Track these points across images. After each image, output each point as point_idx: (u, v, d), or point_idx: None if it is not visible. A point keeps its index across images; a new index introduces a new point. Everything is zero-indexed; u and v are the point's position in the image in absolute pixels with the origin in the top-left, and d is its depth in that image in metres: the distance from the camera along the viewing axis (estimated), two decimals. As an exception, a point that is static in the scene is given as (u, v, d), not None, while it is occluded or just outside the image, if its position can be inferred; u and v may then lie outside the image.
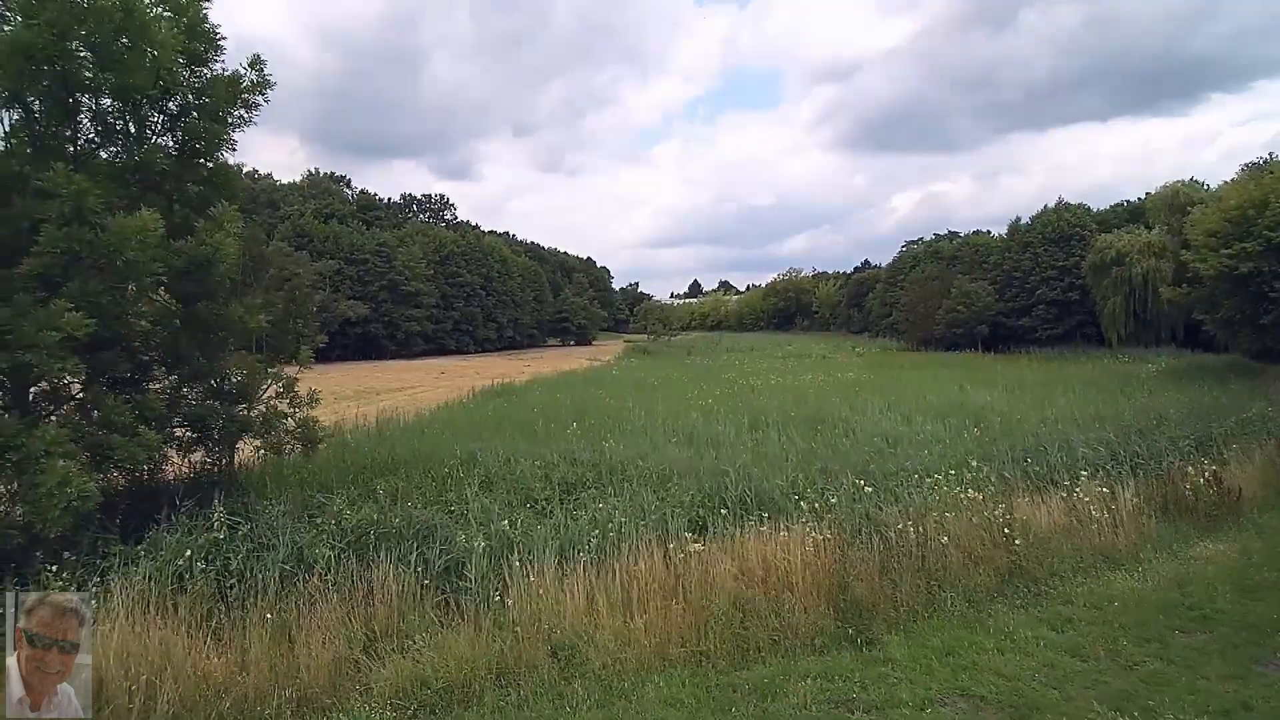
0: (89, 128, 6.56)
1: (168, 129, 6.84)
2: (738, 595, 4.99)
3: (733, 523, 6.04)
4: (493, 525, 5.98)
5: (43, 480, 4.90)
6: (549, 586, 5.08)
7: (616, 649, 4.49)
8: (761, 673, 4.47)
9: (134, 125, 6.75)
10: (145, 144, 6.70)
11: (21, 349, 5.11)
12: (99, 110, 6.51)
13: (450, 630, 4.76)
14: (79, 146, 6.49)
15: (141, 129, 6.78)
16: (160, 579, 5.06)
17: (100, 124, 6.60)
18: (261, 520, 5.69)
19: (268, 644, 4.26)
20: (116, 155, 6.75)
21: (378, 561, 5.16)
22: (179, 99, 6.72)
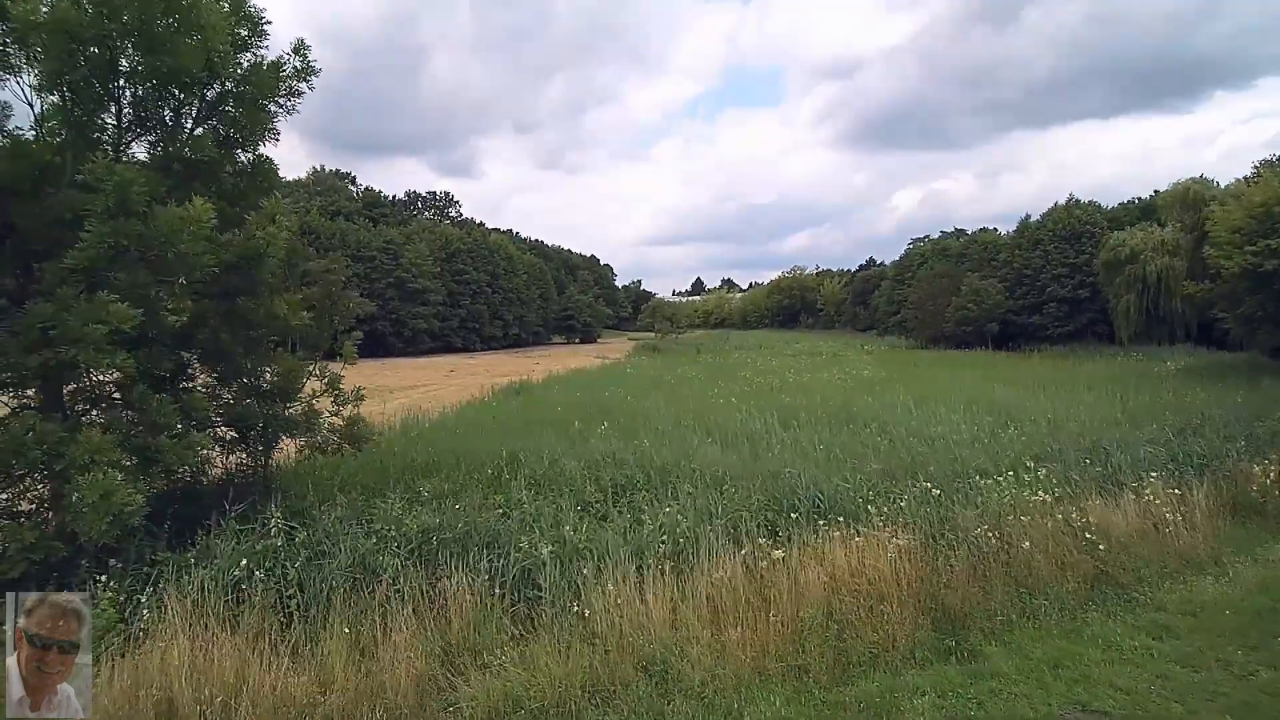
0: (128, 114, 6.26)
1: (206, 118, 6.54)
2: (831, 605, 4.74)
3: (806, 528, 5.80)
4: (557, 530, 5.72)
5: (86, 491, 4.61)
6: (628, 596, 4.82)
7: (712, 664, 4.23)
8: (867, 689, 4.22)
9: (170, 114, 6.45)
10: (181, 133, 6.41)
11: (66, 344, 4.82)
12: (138, 97, 6.21)
13: (528, 644, 4.50)
14: (117, 135, 6.19)
15: (178, 118, 6.48)
16: (216, 589, 4.79)
17: (139, 111, 6.29)
18: (318, 526, 5.41)
19: (346, 660, 3.98)
20: (154, 145, 6.45)
21: (448, 570, 4.89)
22: (219, 86, 6.42)
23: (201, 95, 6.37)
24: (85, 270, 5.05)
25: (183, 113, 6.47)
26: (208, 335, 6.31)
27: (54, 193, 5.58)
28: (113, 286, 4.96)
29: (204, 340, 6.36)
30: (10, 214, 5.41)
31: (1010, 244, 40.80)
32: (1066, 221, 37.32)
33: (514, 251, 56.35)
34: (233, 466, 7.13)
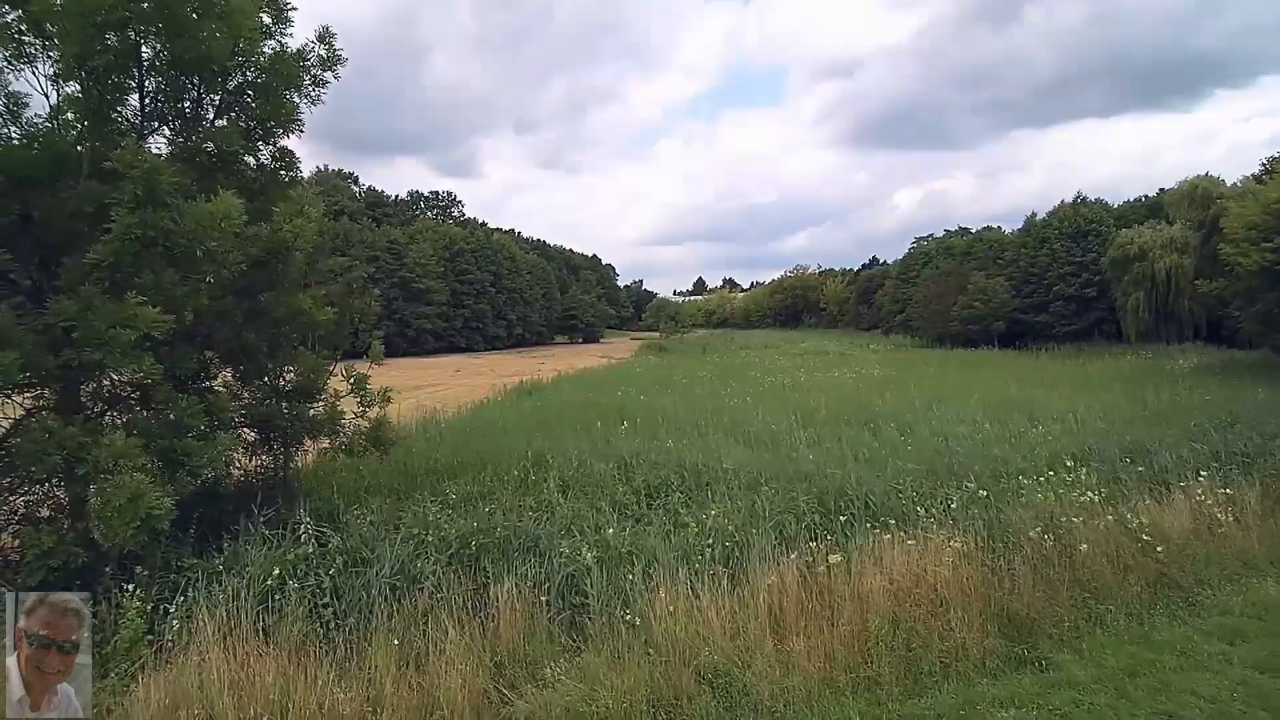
0: (148, 105, 6.03)
1: (227, 108, 6.30)
2: (896, 612, 4.52)
3: (856, 532, 5.59)
4: (598, 534, 5.50)
5: (112, 495, 4.37)
6: (680, 603, 4.60)
7: (780, 675, 4.01)
8: (943, 701, 4.01)
9: (190, 105, 6.22)
10: (202, 125, 6.19)
11: (90, 346, 4.59)
12: (159, 87, 5.98)
13: (579, 655, 4.28)
14: (138, 125, 5.96)
15: (199, 109, 6.25)
16: (248, 599, 4.55)
17: (159, 102, 6.06)
18: (350, 532, 5.18)
19: (396, 675, 3.75)
20: (175, 137, 6.22)
21: (493, 577, 4.67)
22: (241, 76, 6.19)
23: (224, 85, 6.14)
24: (110, 266, 4.82)
25: (203, 103, 6.25)
26: (230, 333, 6.08)
27: (73, 184, 5.37)
28: (138, 285, 4.73)
29: (226, 338, 6.13)
30: (29, 206, 5.18)
31: (1016, 242, 40.66)
32: (1073, 220, 37.18)
33: (517, 251, 56.08)
34: (252, 470, 6.90)
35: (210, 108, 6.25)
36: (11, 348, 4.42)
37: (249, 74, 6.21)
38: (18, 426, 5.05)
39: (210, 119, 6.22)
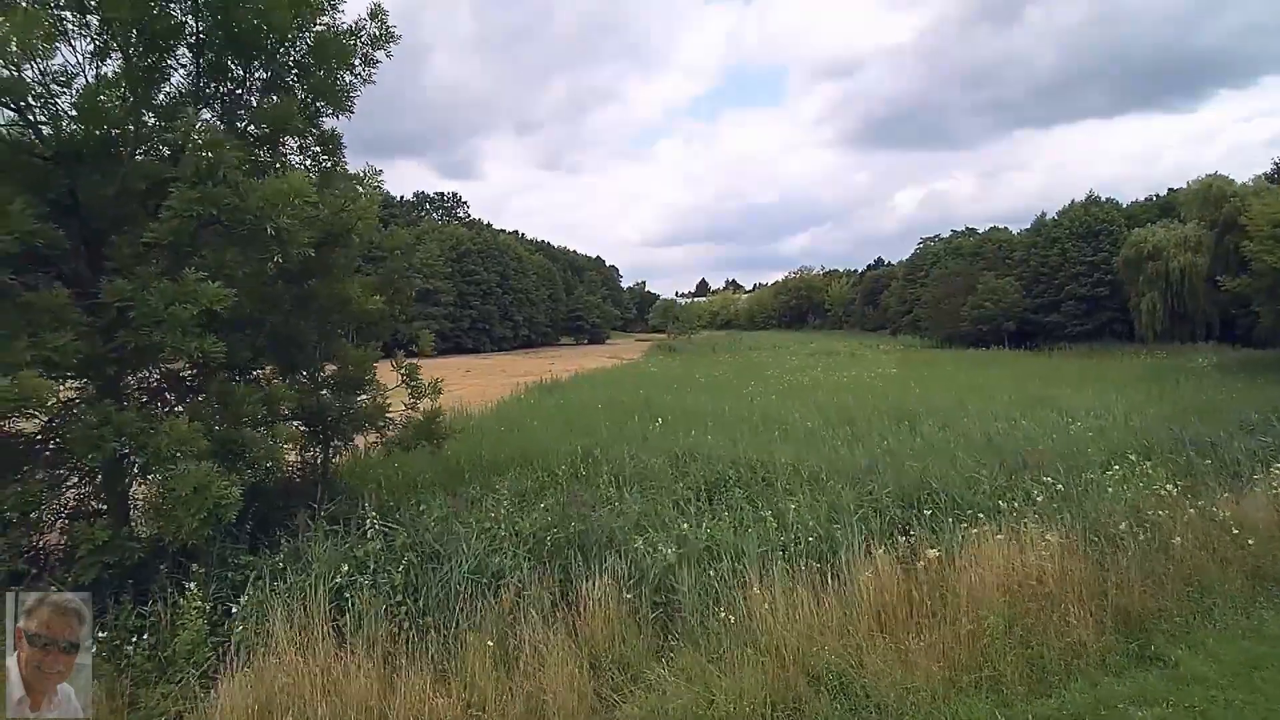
0: (193, 82, 5.78)
1: (275, 87, 6.03)
2: (1011, 609, 4.28)
3: (944, 526, 5.35)
4: (673, 529, 5.24)
5: (177, 485, 4.11)
6: (778, 600, 4.35)
7: (902, 676, 3.76)
8: (1073, 701, 3.76)
9: (232, 84, 5.97)
10: (246, 104, 5.93)
11: (148, 326, 4.33)
12: (209, 63, 5.73)
13: (675, 655, 4.02)
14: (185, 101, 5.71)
15: (246, 87, 5.99)
16: (319, 597, 4.28)
17: (204, 80, 5.81)
18: (416, 526, 4.92)
19: (496, 677, 3.49)
20: (223, 115, 5.96)
21: (578, 574, 4.41)
22: (292, 53, 5.94)
23: (275, 61, 5.90)
24: (168, 246, 4.57)
25: (248, 82, 6.00)
26: (280, 321, 5.82)
27: (119, 162, 5.13)
28: (199, 265, 4.47)
29: (275, 326, 5.87)
30: (76, 184, 4.93)
31: (1026, 242, 40.56)
32: (1084, 219, 37.08)
33: (522, 252, 55.83)
34: (293, 464, 6.63)
35: (254, 87, 5.99)
36: (66, 329, 4.17)
37: (299, 51, 5.96)
38: (66, 416, 4.79)
39: (254, 99, 5.96)
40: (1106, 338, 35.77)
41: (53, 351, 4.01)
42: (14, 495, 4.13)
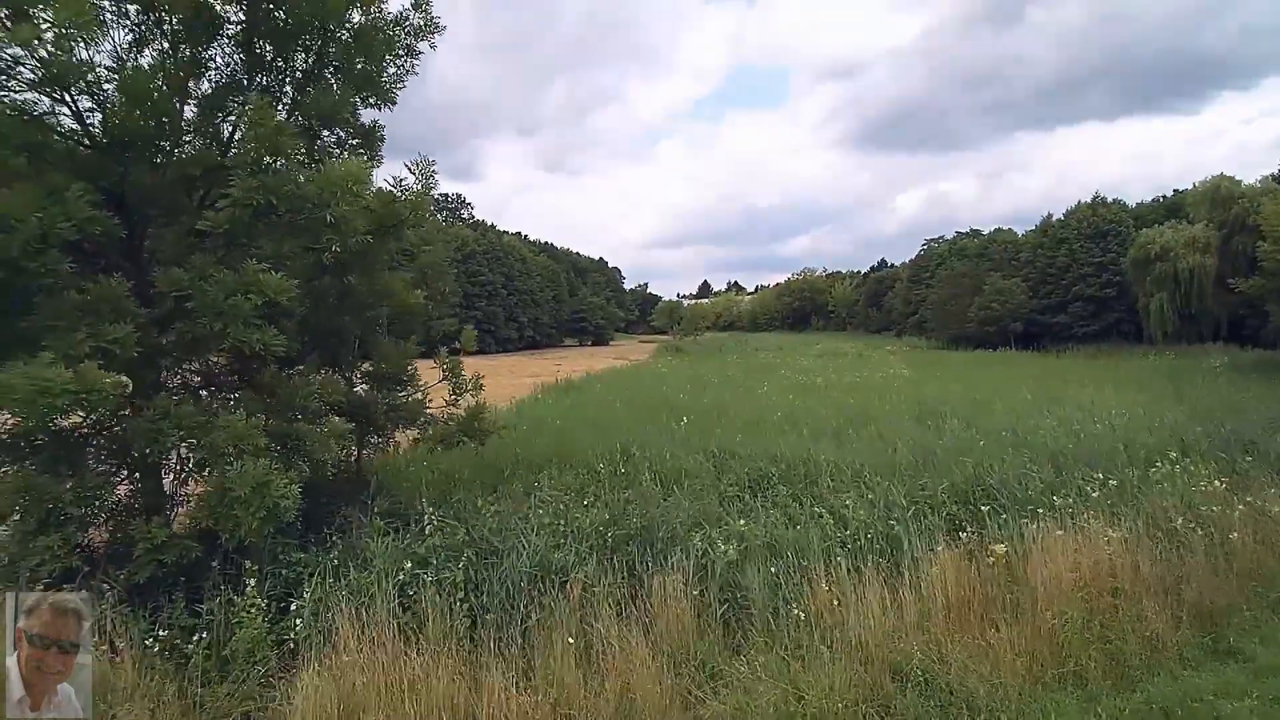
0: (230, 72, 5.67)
1: (314, 77, 5.93)
2: (1088, 604, 4.19)
3: (1003, 522, 5.26)
4: (729, 525, 5.14)
5: (236, 483, 4.00)
6: (846, 597, 4.26)
7: (989, 672, 3.67)
8: (1158, 694, 3.68)
9: (267, 74, 5.87)
10: (283, 93, 5.83)
11: (209, 317, 4.23)
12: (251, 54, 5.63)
13: (755, 653, 3.92)
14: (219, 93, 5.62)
15: (286, 75, 5.89)
16: (383, 594, 4.17)
17: (250, 71, 5.71)
18: (478, 522, 4.81)
19: (579, 676, 3.39)
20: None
21: (644, 570, 4.31)
22: (332, 43, 5.84)
23: (317, 52, 5.81)
24: (225, 235, 4.47)
25: (289, 73, 5.90)
26: (326, 314, 5.72)
27: (166, 150, 5.03)
28: (258, 255, 4.38)
29: (320, 319, 5.77)
30: (126, 173, 4.83)
31: (1033, 243, 40.54)
32: (1091, 220, 37.08)
33: (527, 253, 55.72)
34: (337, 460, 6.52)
35: (290, 77, 5.88)
36: (124, 321, 4.07)
37: (340, 41, 5.86)
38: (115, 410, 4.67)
39: (293, 90, 5.86)
40: (1114, 338, 35.74)
41: (112, 344, 3.91)
42: (70, 491, 4.03)
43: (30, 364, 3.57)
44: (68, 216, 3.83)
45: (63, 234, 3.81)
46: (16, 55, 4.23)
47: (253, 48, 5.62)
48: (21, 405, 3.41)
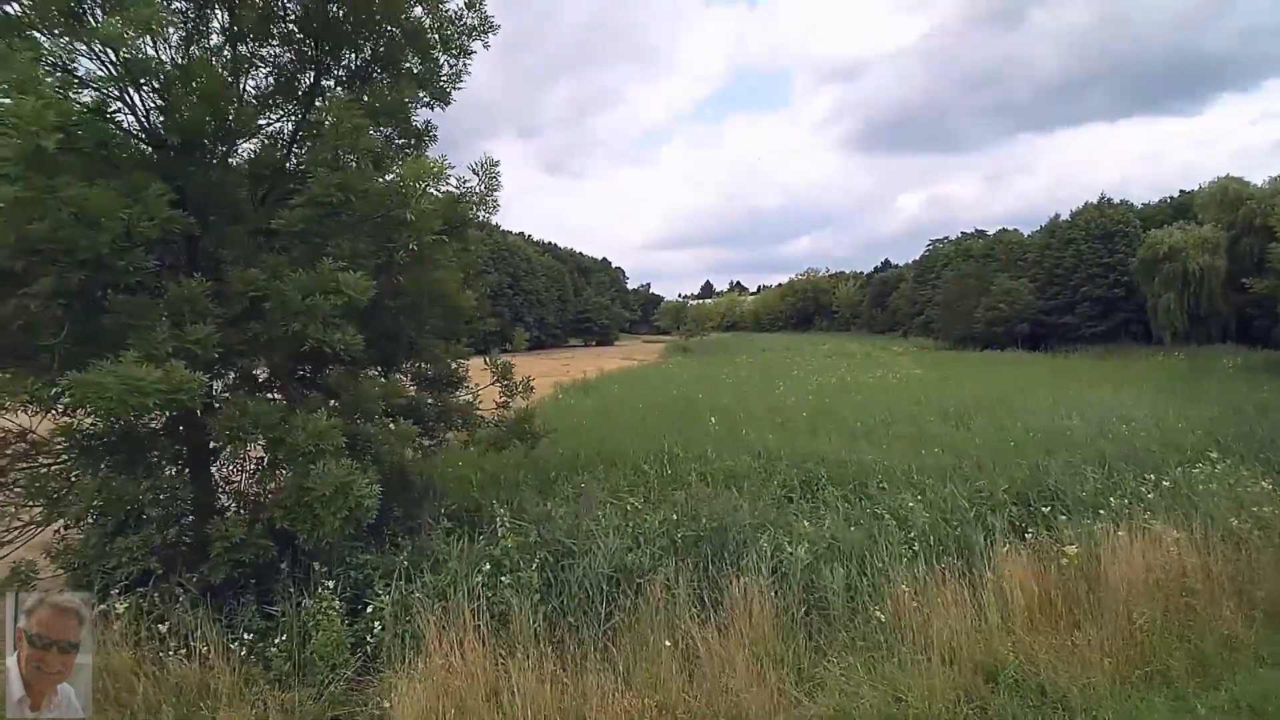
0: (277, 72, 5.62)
1: (365, 76, 5.89)
2: (1166, 605, 4.18)
3: (1066, 523, 5.25)
4: (793, 527, 5.12)
5: (317, 483, 3.96)
6: (926, 598, 4.24)
7: (1080, 672, 3.65)
8: (1244, 692, 3.67)
9: (315, 74, 5.82)
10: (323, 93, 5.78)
11: (287, 317, 4.20)
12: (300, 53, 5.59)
13: (835, 654, 3.90)
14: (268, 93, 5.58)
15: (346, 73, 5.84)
16: (457, 596, 4.14)
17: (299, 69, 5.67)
18: (550, 524, 4.78)
19: (680, 678, 3.36)
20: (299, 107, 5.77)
21: (721, 572, 4.28)
22: (380, 42, 5.81)
23: (373, 48, 5.77)
24: (299, 234, 4.43)
25: (338, 71, 5.86)
26: (388, 315, 5.67)
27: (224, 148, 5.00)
28: (335, 253, 4.34)
29: (379, 320, 5.72)
30: (193, 171, 4.79)
31: (1040, 244, 40.60)
32: (1098, 221, 37.14)
33: (531, 253, 55.66)
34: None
35: (337, 75, 5.82)
36: (205, 321, 4.03)
37: (391, 39, 5.81)
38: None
39: (340, 89, 5.81)
40: (1122, 339, 35.80)
41: (194, 344, 3.88)
42: (148, 491, 3.99)
43: (116, 363, 3.53)
44: (149, 215, 3.80)
45: (145, 232, 3.78)
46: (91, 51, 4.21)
47: (302, 45, 5.60)
48: (112, 404, 3.37)
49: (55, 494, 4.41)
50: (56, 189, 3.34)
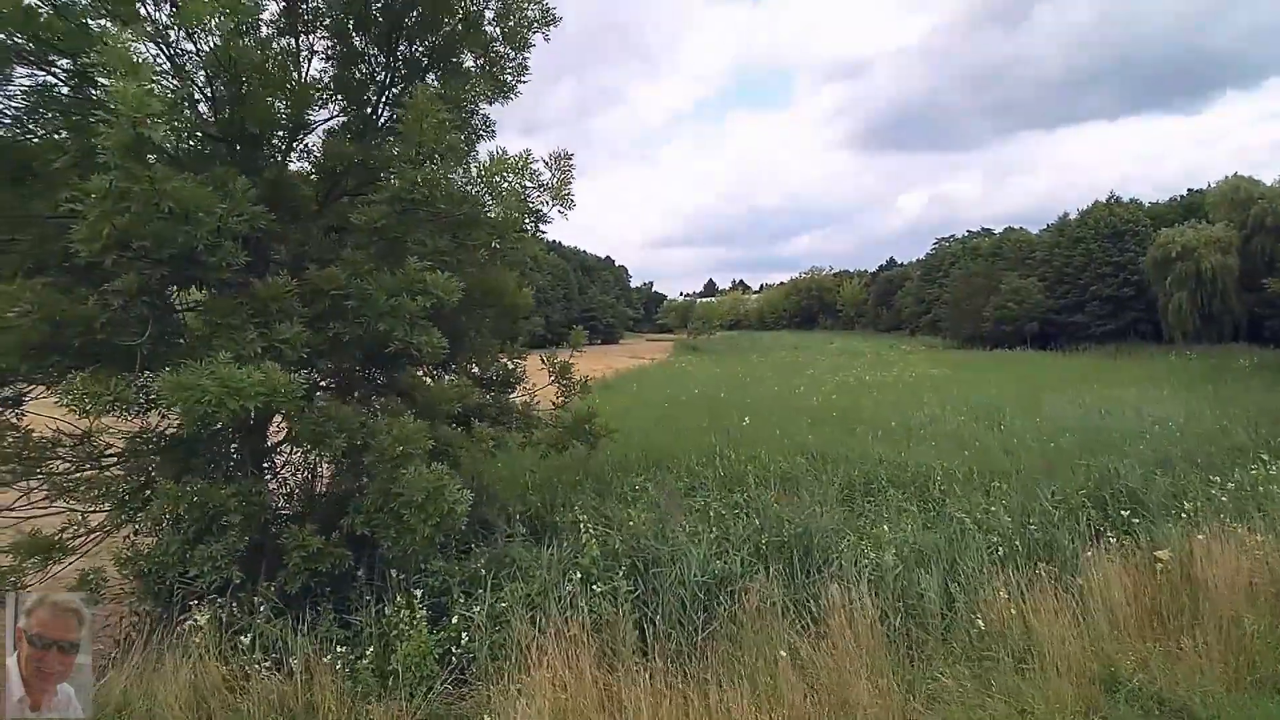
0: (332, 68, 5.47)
1: (422, 70, 5.74)
2: (1272, 609, 4.08)
3: (1149, 526, 5.15)
4: (874, 531, 5.01)
5: (407, 489, 3.83)
6: (1029, 605, 4.13)
7: (1196, 680, 3.55)
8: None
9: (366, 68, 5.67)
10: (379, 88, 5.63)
11: (372, 318, 4.06)
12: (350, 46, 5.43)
13: (946, 664, 3.79)
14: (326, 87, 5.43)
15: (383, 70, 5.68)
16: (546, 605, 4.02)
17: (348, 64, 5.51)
18: (626, 529, 4.66)
19: (800, 692, 3.24)
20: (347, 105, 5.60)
21: (819, 579, 4.17)
22: (438, 35, 5.65)
23: (432, 42, 5.62)
24: (380, 230, 4.29)
25: (393, 66, 5.71)
26: (450, 314, 5.54)
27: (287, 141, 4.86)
28: (417, 252, 4.20)
29: (445, 320, 5.58)
30: (262, 165, 4.65)
31: (1048, 242, 40.56)
32: (1108, 219, 37.11)
33: (537, 251, 55.38)
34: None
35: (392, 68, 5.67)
36: (291, 320, 3.90)
37: (449, 31, 5.66)
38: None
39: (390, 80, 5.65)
40: (1132, 338, 35.80)
41: (283, 344, 3.74)
42: (234, 497, 3.85)
43: (209, 364, 3.39)
44: (238, 211, 3.66)
45: (234, 228, 3.64)
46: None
47: (349, 37, 5.46)
48: (212, 406, 3.23)
49: (125, 498, 4.29)
50: (156, 180, 3.19)
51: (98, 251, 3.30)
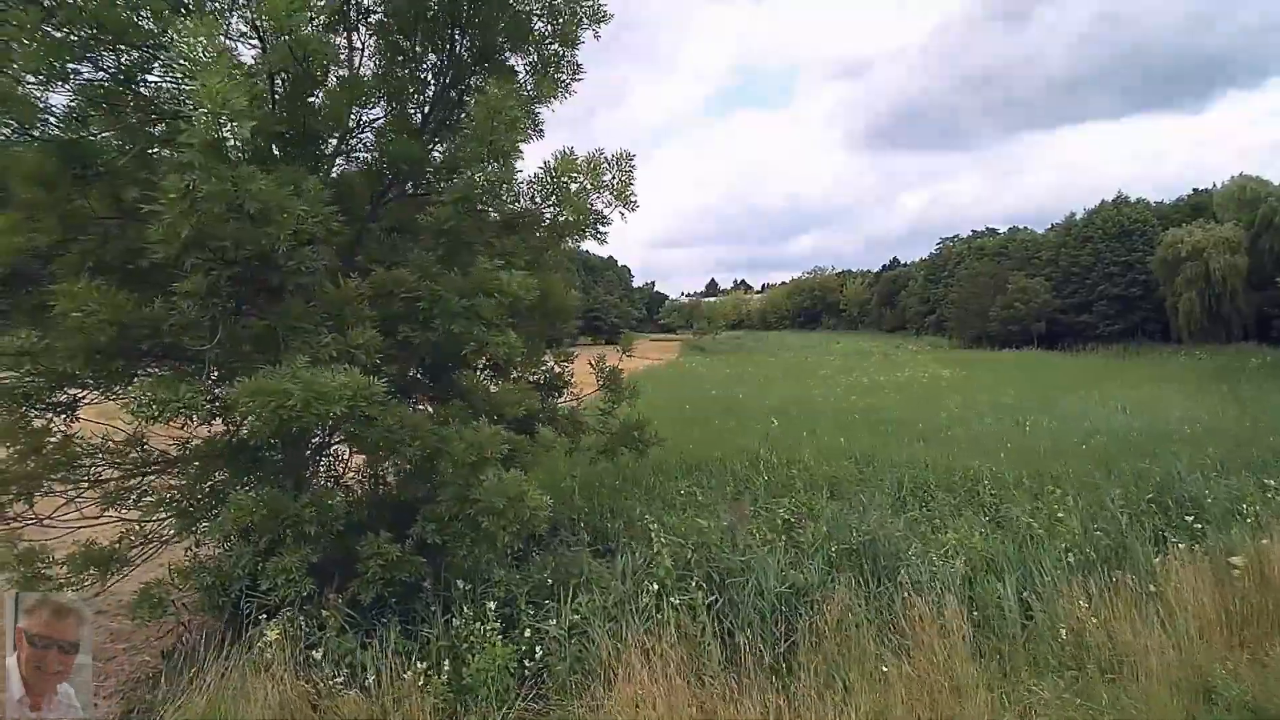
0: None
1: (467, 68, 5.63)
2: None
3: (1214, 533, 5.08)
4: (938, 537, 4.93)
5: (487, 495, 3.73)
6: (1112, 613, 4.06)
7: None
8: None
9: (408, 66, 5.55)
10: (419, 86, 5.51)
11: (444, 318, 3.96)
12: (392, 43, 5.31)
13: (1043, 675, 3.71)
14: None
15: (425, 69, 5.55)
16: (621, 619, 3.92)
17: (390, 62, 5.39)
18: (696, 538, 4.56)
19: (905, 707, 3.15)
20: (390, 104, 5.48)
21: (891, 588, 4.09)
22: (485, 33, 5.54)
23: (480, 39, 5.50)
24: (446, 232, 4.19)
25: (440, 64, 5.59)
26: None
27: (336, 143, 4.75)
28: (485, 252, 4.10)
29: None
30: (322, 165, 4.54)
31: (1055, 242, 40.61)
32: (1115, 219, 37.15)
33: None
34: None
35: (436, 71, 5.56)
36: (364, 324, 3.79)
37: (498, 29, 5.55)
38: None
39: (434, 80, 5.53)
40: (1139, 338, 35.85)
41: (358, 348, 3.64)
42: (308, 506, 3.75)
43: (288, 367, 3.29)
44: (313, 212, 3.56)
45: (310, 230, 3.54)
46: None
47: (391, 34, 5.35)
48: (295, 411, 3.13)
49: (190, 508, 4.19)
50: (239, 180, 3.09)
51: (174, 253, 3.20)
